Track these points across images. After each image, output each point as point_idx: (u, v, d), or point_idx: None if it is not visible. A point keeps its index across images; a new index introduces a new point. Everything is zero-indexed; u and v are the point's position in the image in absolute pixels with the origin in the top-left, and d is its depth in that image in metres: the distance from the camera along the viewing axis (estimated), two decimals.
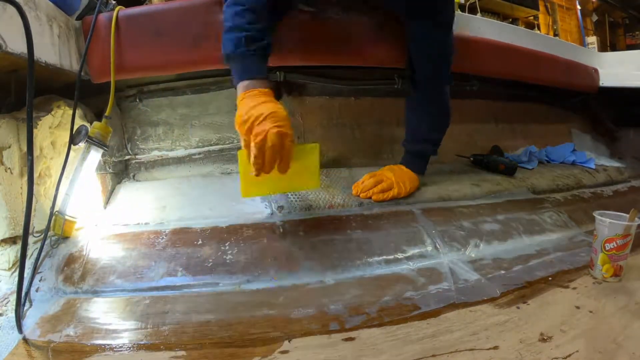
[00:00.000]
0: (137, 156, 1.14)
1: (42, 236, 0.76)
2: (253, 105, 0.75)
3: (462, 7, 3.45)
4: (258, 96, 0.77)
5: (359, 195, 1.00)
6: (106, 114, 0.88)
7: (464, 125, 1.43)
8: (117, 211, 0.95)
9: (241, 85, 0.80)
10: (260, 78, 0.80)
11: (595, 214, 0.77)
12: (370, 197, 0.99)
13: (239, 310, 0.67)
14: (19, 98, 0.78)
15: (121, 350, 0.57)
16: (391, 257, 0.84)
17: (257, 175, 0.75)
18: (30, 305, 0.68)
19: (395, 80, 1.27)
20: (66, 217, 0.81)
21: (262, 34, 0.82)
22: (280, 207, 0.93)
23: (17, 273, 0.63)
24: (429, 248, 0.87)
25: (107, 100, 0.90)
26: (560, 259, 0.86)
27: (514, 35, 1.44)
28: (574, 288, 0.73)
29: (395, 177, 1.02)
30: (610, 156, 1.75)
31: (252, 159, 0.73)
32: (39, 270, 0.74)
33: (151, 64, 0.99)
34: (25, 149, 0.72)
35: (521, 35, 1.49)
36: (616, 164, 1.59)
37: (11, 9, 0.59)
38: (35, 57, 0.62)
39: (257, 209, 0.93)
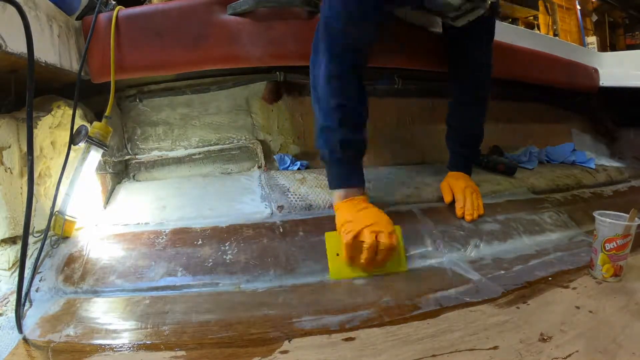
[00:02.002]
0: (137, 156, 1.14)
1: (42, 236, 0.76)
2: (355, 212, 0.78)
3: None
4: (357, 203, 0.80)
5: (470, 220, 0.95)
6: (106, 114, 0.88)
7: None
8: (117, 211, 0.95)
9: (337, 194, 0.83)
10: (356, 186, 0.83)
11: (595, 214, 0.77)
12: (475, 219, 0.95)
13: (238, 310, 0.67)
14: (19, 98, 0.78)
15: (121, 350, 0.57)
16: None
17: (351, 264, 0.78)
18: (30, 305, 0.68)
19: (395, 80, 1.27)
20: (66, 217, 0.81)
21: (358, 133, 0.82)
22: (280, 207, 0.93)
23: (17, 273, 0.63)
24: (429, 248, 0.87)
25: (107, 100, 0.90)
26: (560, 259, 0.86)
27: (514, 35, 1.44)
28: (574, 288, 0.73)
29: (473, 184, 1.03)
30: (610, 156, 1.75)
31: (358, 260, 0.77)
32: (39, 270, 0.74)
33: (151, 64, 0.99)
34: (25, 149, 0.72)
35: (521, 35, 1.49)
36: (616, 164, 1.59)
37: (11, 9, 0.59)
38: (35, 57, 0.62)
39: (257, 209, 0.93)
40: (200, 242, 0.82)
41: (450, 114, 1.10)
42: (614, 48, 5.36)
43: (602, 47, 5.12)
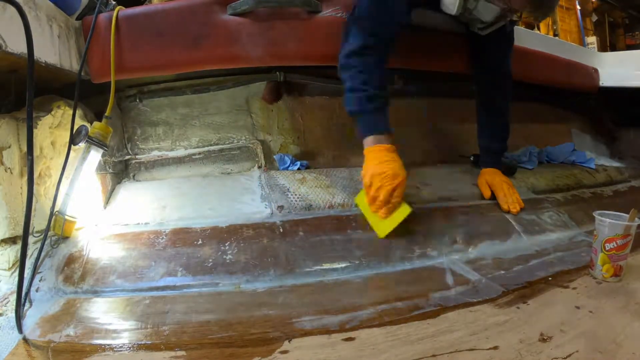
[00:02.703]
0: (137, 156, 1.14)
1: (42, 236, 0.76)
2: (376, 164, 0.87)
3: None
4: (381, 154, 0.89)
5: (516, 212, 1.02)
6: (106, 114, 0.88)
7: (464, 125, 1.43)
8: (117, 211, 0.95)
9: (366, 140, 0.91)
10: (382, 133, 0.91)
11: (595, 214, 0.77)
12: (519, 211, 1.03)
13: (238, 310, 0.67)
14: (19, 98, 0.78)
15: (121, 350, 0.57)
16: (391, 257, 0.84)
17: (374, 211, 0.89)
18: (30, 305, 0.68)
19: (395, 80, 1.27)
20: (66, 217, 0.81)
21: (379, 90, 0.91)
22: (280, 207, 0.93)
23: (17, 273, 0.63)
24: (429, 248, 0.87)
25: (107, 100, 0.90)
26: (560, 259, 0.86)
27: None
28: (574, 288, 0.73)
29: (507, 178, 1.10)
30: (610, 156, 1.75)
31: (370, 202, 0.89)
32: (39, 270, 0.74)
33: (151, 64, 0.99)
34: (25, 149, 0.72)
35: (521, 36, 1.49)
36: (616, 164, 1.59)
37: (11, 9, 0.59)
38: (35, 57, 0.62)
39: (257, 209, 0.93)
40: (200, 242, 0.82)
41: (479, 114, 1.17)
42: (614, 48, 5.36)
43: (602, 47, 5.12)
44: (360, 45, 0.91)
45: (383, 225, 0.87)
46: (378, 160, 0.88)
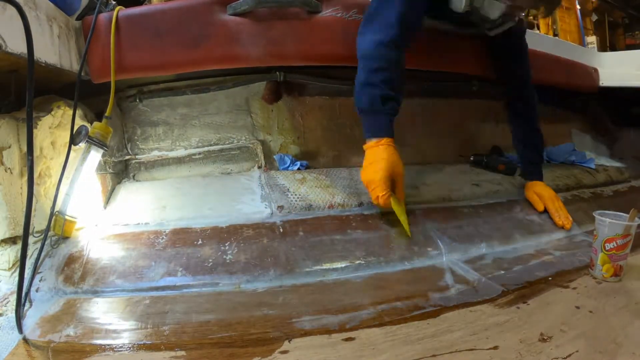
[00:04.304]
0: (137, 156, 1.14)
1: (42, 236, 0.76)
2: (367, 169, 0.88)
3: None
4: (373, 151, 0.89)
5: (569, 228, 1.02)
6: (106, 114, 0.88)
7: (464, 125, 1.44)
8: (117, 211, 0.95)
9: (369, 141, 0.91)
10: (387, 137, 0.90)
11: (595, 214, 0.77)
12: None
13: (238, 310, 0.67)
14: (19, 98, 0.78)
15: (121, 350, 0.57)
16: (391, 257, 0.84)
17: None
18: (30, 305, 0.68)
19: None
20: (66, 217, 0.81)
21: (395, 92, 0.90)
22: (280, 207, 0.93)
23: (17, 273, 0.63)
24: (429, 248, 0.87)
25: (107, 100, 0.90)
26: (560, 259, 0.86)
27: None
28: (574, 288, 0.73)
29: (552, 190, 1.10)
30: (610, 156, 1.75)
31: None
32: (39, 270, 0.74)
33: (151, 64, 0.99)
34: (25, 149, 0.71)
35: None
36: (616, 164, 1.59)
37: (11, 9, 0.59)
38: (35, 57, 0.62)
39: (257, 209, 0.93)
40: (200, 242, 0.82)
41: (513, 128, 1.19)
42: (613, 48, 5.36)
43: (602, 47, 5.12)
44: (390, 37, 0.87)
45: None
46: (369, 162, 0.88)
